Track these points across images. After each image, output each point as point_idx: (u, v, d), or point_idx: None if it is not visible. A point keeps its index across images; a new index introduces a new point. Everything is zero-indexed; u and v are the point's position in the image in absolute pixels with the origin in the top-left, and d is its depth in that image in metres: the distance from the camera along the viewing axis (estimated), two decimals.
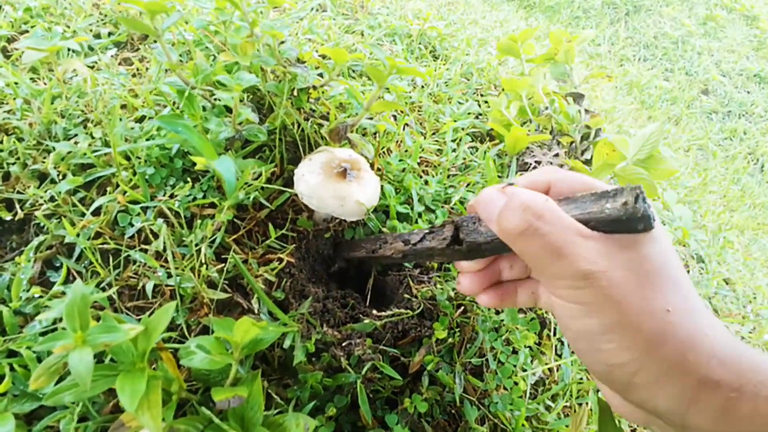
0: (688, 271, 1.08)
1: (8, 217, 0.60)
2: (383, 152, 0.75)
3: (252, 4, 0.66)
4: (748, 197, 1.66)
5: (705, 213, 1.22)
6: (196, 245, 0.58)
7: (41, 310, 0.54)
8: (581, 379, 0.72)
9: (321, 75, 0.79)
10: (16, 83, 0.70)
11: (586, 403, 0.68)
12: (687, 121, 1.86)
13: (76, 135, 0.68)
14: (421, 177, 0.76)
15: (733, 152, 1.81)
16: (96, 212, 0.61)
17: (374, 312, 0.60)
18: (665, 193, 1.19)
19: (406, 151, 0.74)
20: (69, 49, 0.82)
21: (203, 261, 0.57)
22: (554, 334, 0.69)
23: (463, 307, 0.64)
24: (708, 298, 1.06)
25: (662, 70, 2.11)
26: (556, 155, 0.76)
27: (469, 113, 0.96)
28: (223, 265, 0.58)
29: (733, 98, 2.11)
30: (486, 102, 1.00)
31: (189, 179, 0.62)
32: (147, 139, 0.64)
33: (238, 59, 0.66)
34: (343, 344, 0.56)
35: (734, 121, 2.00)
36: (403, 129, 0.84)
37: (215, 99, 0.64)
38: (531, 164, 0.73)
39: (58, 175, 0.64)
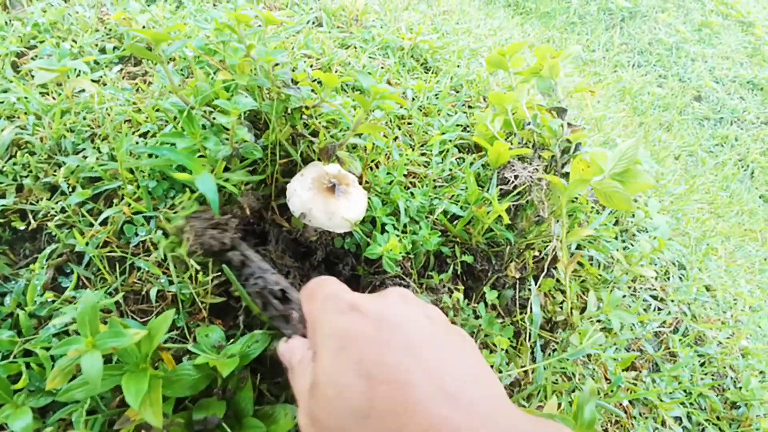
0: (668, 278, 1.12)
1: (22, 227, 0.65)
2: (372, 166, 0.80)
3: (251, 19, 0.71)
4: (736, 203, 1.70)
5: (688, 221, 1.26)
6: None
7: (54, 313, 0.59)
8: (555, 380, 0.77)
9: (314, 90, 0.83)
10: (26, 99, 0.75)
11: (559, 404, 0.73)
12: (678, 128, 1.90)
13: (84, 149, 0.73)
14: (407, 189, 0.80)
15: (723, 158, 1.85)
16: (103, 223, 0.66)
17: None
18: (649, 201, 1.23)
19: (393, 165, 0.78)
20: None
21: (200, 268, 0.62)
22: (529, 339, 0.74)
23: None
24: (687, 304, 1.10)
25: (656, 77, 2.15)
26: (536, 169, 0.81)
27: (457, 125, 1.01)
28: (219, 272, 0.63)
29: (726, 105, 2.14)
30: (473, 114, 1.04)
31: (188, 191, 0.67)
32: (149, 155, 0.68)
33: (236, 78, 0.70)
34: None
35: (726, 128, 2.04)
36: (394, 141, 0.89)
37: (214, 118, 0.68)
38: (510, 179, 0.78)
39: (68, 188, 0.68)
